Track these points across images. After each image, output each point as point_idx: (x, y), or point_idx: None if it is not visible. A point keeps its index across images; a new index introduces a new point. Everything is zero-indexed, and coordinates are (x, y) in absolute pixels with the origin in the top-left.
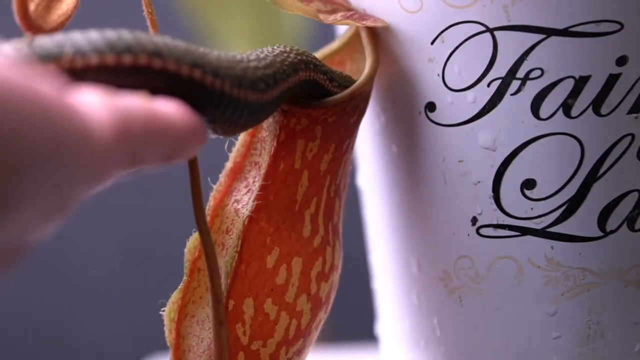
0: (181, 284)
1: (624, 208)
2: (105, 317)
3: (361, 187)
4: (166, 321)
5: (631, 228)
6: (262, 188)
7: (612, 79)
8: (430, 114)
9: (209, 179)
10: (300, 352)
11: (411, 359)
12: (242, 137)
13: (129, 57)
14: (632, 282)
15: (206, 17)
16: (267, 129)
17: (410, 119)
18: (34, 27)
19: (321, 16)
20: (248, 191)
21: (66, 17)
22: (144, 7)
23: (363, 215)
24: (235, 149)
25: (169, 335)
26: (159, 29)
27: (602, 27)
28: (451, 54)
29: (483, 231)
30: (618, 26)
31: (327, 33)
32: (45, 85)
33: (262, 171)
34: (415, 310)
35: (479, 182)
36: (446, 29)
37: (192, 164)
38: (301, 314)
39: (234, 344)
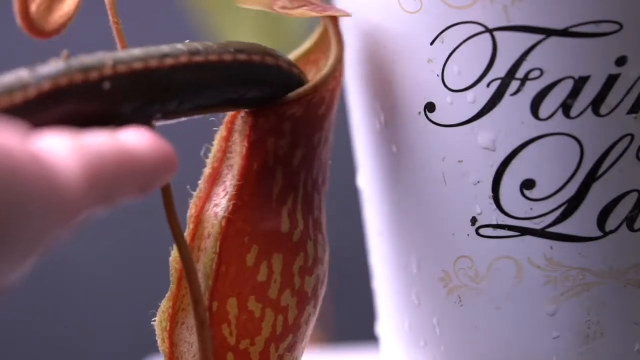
0: (168, 292)
1: (624, 208)
2: (104, 318)
3: (361, 187)
4: (158, 331)
5: (630, 228)
6: (237, 188)
7: (612, 79)
8: (429, 114)
9: (188, 186)
10: (292, 348)
11: (411, 359)
12: (218, 142)
13: (94, 73)
14: (632, 281)
15: (212, 17)
16: (237, 130)
17: (410, 119)
18: (35, 28)
19: (281, 10)
20: (226, 194)
21: (68, 17)
22: (110, 17)
23: (363, 215)
24: (211, 155)
25: (161, 345)
26: (125, 38)
27: (602, 28)
28: (451, 54)
29: (482, 231)
30: (617, 26)
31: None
32: (7, 136)
33: (235, 172)
34: (415, 310)
35: (478, 182)
36: (446, 29)
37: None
38: (287, 309)
39: (221, 345)
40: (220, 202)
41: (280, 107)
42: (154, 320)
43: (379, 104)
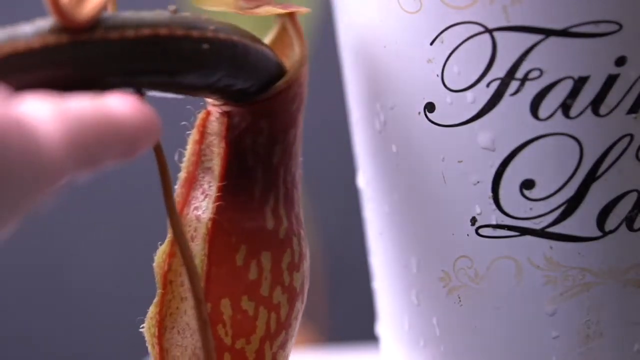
0: (156, 297)
1: (623, 208)
2: (102, 318)
3: (361, 187)
4: (147, 337)
5: (630, 228)
6: (220, 189)
7: (611, 80)
8: (429, 115)
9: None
10: (284, 345)
11: (411, 359)
12: (191, 146)
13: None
14: (631, 281)
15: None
16: (213, 133)
17: (410, 119)
18: (68, 18)
19: (241, 11)
20: (205, 197)
21: (99, 8)
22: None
23: (363, 215)
24: (185, 159)
25: (152, 350)
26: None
27: (601, 28)
28: (450, 54)
29: (482, 231)
30: (617, 27)
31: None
32: None
33: (216, 173)
34: (414, 310)
35: (478, 182)
36: (445, 29)
37: (161, 163)
38: (279, 306)
39: (218, 346)
40: (201, 205)
41: (256, 105)
42: (143, 327)
43: (379, 104)
